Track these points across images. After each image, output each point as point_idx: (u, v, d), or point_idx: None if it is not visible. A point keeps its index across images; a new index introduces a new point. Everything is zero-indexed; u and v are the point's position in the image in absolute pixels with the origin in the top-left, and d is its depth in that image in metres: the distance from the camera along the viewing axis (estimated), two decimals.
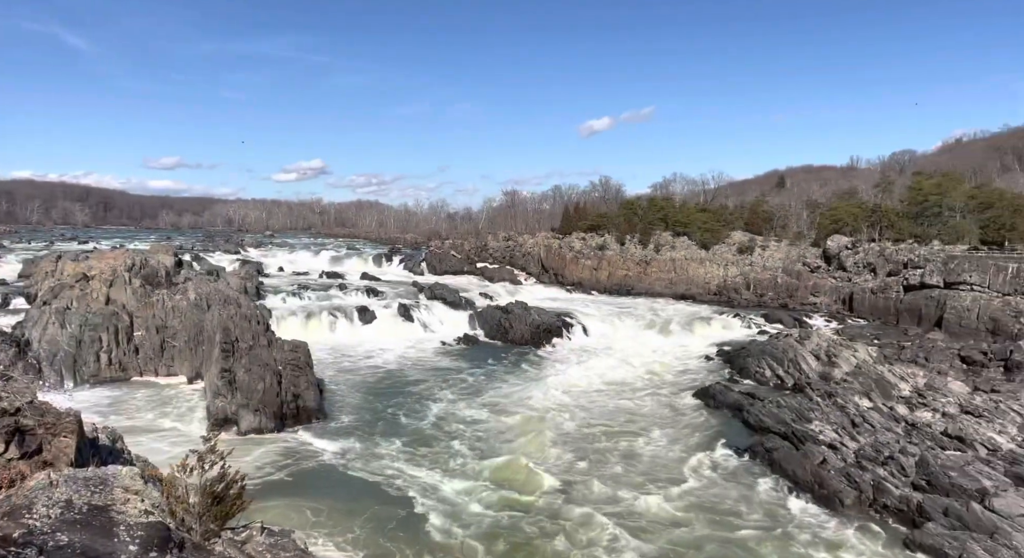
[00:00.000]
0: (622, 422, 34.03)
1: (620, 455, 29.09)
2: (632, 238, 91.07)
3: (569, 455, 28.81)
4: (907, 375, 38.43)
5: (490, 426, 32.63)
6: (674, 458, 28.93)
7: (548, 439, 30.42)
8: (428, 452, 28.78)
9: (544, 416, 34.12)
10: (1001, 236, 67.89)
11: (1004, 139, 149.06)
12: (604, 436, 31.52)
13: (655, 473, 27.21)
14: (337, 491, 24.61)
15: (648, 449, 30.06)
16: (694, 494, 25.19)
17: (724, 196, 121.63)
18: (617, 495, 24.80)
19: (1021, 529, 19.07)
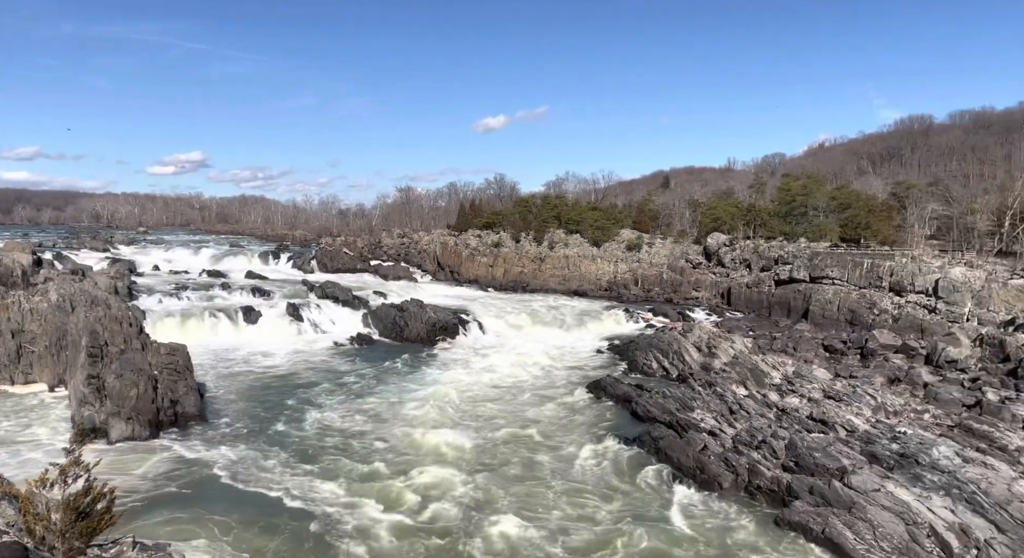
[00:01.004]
0: (518, 417, 34.46)
1: (516, 450, 29.44)
2: (527, 235, 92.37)
3: (465, 454, 28.84)
4: (778, 364, 41.43)
5: (381, 428, 32.07)
6: (568, 451, 29.63)
7: (443, 439, 30.25)
8: (315, 460, 27.78)
9: (440, 415, 33.97)
10: (858, 234, 74.34)
11: (860, 144, 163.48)
12: (500, 432, 31.79)
13: (550, 466, 27.76)
14: (219, 502, 23.37)
15: (543, 443, 30.62)
16: (587, 484, 25.93)
17: (614, 195, 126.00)
18: (513, 489, 25.11)
19: (874, 503, 21.01)
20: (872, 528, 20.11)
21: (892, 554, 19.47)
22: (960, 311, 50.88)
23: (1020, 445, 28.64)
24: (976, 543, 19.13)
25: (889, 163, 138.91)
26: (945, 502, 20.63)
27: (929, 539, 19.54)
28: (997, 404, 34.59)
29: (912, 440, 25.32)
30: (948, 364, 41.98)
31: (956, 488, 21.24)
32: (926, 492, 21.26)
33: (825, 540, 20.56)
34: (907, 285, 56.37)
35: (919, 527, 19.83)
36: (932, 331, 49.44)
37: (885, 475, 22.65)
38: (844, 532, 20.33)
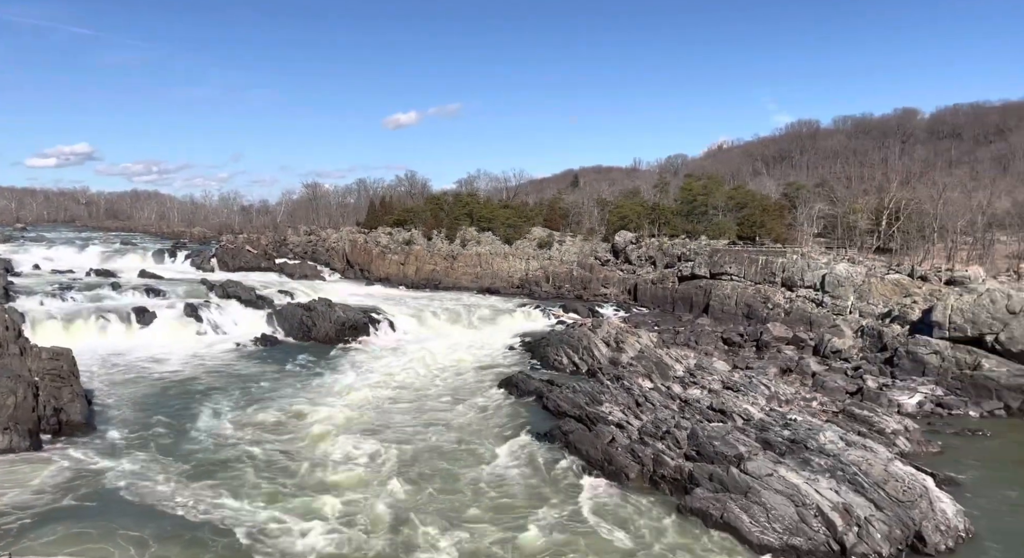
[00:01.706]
0: (431, 416, 34.21)
1: (430, 451, 29.18)
2: (439, 233, 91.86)
3: (377, 457, 28.27)
4: (681, 357, 43.17)
5: (288, 435, 30.98)
6: (481, 448, 29.69)
7: (354, 442, 29.60)
8: (220, 471, 26.35)
9: (350, 417, 33.21)
10: (753, 232, 78.52)
11: (755, 147, 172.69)
12: (413, 432, 31.46)
13: (464, 465, 27.71)
14: (104, 516, 21.84)
15: (457, 441, 30.53)
16: (499, 481, 26.08)
17: (525, 193, 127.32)
18: (427, 490, 24.89)
19: (768, 487, 22.26)
20: (766, 511, 21.30)
21: (784, 535, 20.69)
22: (844, 304, 54.69)
23: (896, 428, 31.15)
24: (857, 521, 20.62)
25: (781, 165, 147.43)
26: (830, 484, 22.11)
27: (816, 519, 20.88)
28: (876, 391, 37.51)
29: (802, 426, 26.94)
30: (833, 354, 45.03)
31: (840, 470, 22.81)
32: (814, 475, 22.70)
33: (724, 524, 21.59)
34: (797, 280, 60.01)
35: (807, 508, 21.17)
36: (819, 323, 52.88)
37: (778, 460, 24.01)
38: (741, 516, 21.43)
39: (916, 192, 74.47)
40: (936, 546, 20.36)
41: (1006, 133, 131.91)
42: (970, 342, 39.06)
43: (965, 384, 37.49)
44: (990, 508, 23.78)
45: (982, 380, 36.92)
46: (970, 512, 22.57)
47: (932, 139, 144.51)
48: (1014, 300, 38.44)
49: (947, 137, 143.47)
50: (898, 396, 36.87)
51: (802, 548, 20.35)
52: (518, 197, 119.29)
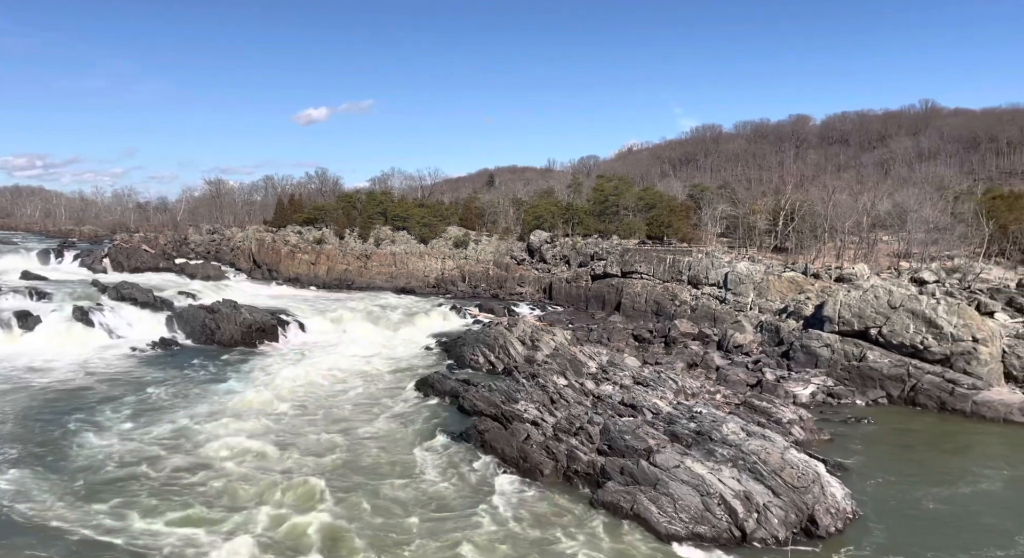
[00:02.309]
0: (345, 419, 33.44)
1: (344, 455, 28.52)
2: (352, 232, 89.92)
3: (287, 465, 27.39)
4: (594, 354, 44.15)
5: (190, 446, 29.46)
6: (397, 450, 29.30)
7: (263, 451, 28.52)
8: (113, 488, 24.69)
9: (259, 424, 31.97)
10: (662, 232, 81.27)
11: (663, 149, 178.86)
12: (326, 436, 30.64)
13: (379, 468, 27.27)
14: (15, 536, 20.25)
15: (372, 444, 29.98)
16: (416, 483, 25.82)
17: (441, 192, 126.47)
18: (340, 495, 24.30)
19: (675, 478, 23.13)
20: (673, 501, 22.11)
21: (690, 523, 21.55)
22: (745, 301, 57.51)
23: (791, 418, 33.07)
24: (757, 507, 21.75)
25: (687, 167, 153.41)
26: (732, 473, 23.21)
27: (719, 507, 21.87)
28: (774, 383, 39.66)
29: (706, 418, 28.13)
30: (736, 349, 47.27)
31: (741, 459, 23.98)
32: (717, 465, 23.77)
33: (634, 516, 22.26)
34: (703, 278, 62.60)
35: (711, 497, 22.14)
36: (723, 320, 55.36)
37: (684, 452, 24.98)
38: (650, 507, 22.15)
39: (809, 194, 79.30)
40: (827, 528, 21.75)
41: (887, 140, 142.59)
42: (857, 335, 41.94)
43: (852, 375, 40.26)
44: (874, 491, 25.65)
45: (867, 371, 39.76)
46: (857, 495, 24.27)
47: (823, 144, 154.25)
48: (895, 295, 41.58)
49: (836, 143, 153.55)
50: (794, 387, 39.14)
51: (706, 535, 21.27)
52: (433, 196, 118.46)
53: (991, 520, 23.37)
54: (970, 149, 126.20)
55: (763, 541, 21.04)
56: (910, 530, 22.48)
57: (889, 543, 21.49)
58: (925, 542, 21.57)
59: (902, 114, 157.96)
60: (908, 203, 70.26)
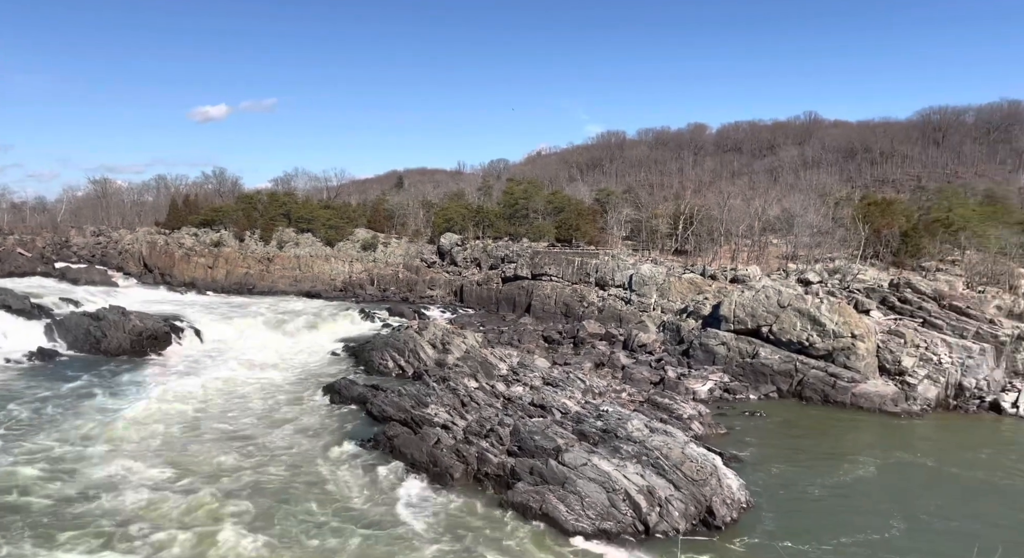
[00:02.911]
0: (246, 430, 32.05)
1: (245, 470, 27.24)
2: (253, 234, 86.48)
3: (183, 483, 25.94)
4: (505, 356, 44.48)
5: (74, 469, 27.39)
6: (302, 460, 28.37)
7: (153, 472, 26.88)
8: None
9: (148, 441, 30.13)
10: (570, 234, 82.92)
11: (571, 154, 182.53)
12: (225, 449, 29.26)
13: (284, 479, 26.30)
14: None
15: (276, 455, 28.89)
16: (322, 493, 25.11)
17: (348, 194, 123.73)
18: (243, 508, 23.29)
19: (583, 476, 23.69)
20: (581, 499, 22.63)
21: (596, 520, 22.11)
22: (648, 302, 59.62)
23: (691, 413, 34.59)
24: (659, 501, 22.60)
25: (593, 172, 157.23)
26: (637, 468, 24.02)
27: (624, 503, 22.57)
28: (675, 380, 41.34)
29: (613, 416, 28.96)
30: (640, 348, 48.92)
31: (645, 455, 24.85)
32: (623, 461, 24.52)
33: (543, 515, 22.60)
34: (609, 280, 64.38)
35: (617, 493, 22.81)
36: (628, 320, 57.16)
37: (592, 450, 25.61)
38: (558, 506, 22.56)
39: (706, 199, 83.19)
40: (723, 519, 22.89)
41: (776, 148, 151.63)
42: (750, 333, 44.36)
43: (746, 371, 42.56)
44: (766, 481, 27.23)
45: (760, 367, 42.15)
46: (751, 485, 25.67)
47: (719, 152, 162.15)
48: (783, 295, 44.31)
49: (730, 150, 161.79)
50: (693, 384, 40.94)
51: (612, 531, 21.90)
52: (340, 197, 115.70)
53: (869, 504, 25.34)
54: (848, 158, 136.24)
55: (665, 533, 21.88)
56: (799, 517, 24.02)
57: (780, 530, 22.86)
58: (812, 528, 23.10)
59: (789, 124, 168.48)
60: (795, 208, 75.07)
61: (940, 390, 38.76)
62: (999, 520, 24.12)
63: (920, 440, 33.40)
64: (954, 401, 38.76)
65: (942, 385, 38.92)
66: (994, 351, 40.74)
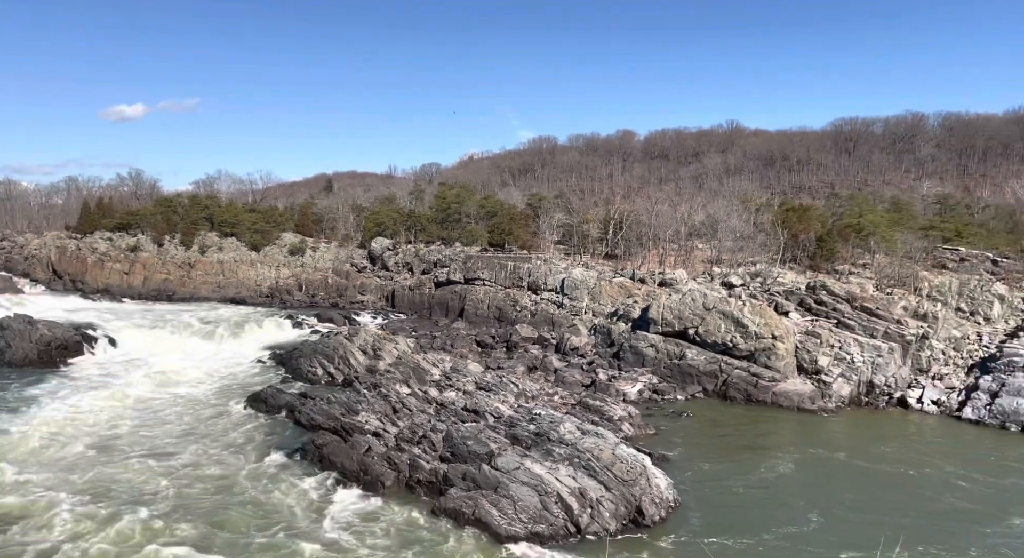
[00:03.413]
0: (164, 443, 30.60)
1: (166, 485, 25.94)
2: (172, 239, 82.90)
3: (96, 500, 24.50)
4: (438, 361, 44.16)
5: None
6: (226, 473, 27.32)
7: (62, 494, 25.32)
8: None
9: (59, 461, 28.34)
10: (503, 239, 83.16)
11: (503, 159, 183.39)
12: (142, 464, 27.83)
13: (206, 494, 25.26)
14: None
15: (197, 469, 27.69)
16: (248, 507, 24.23)
17: (274, 197, 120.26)
18: (172, 534, 22.16)
19: (515, 480, 23.75)
20: (513, 503, 22.67)
21: (529, 523, 22.20)
22: (580, 305, 60.45)
23: (621, 415, 35.24)
24: (591, 503, 22.91)
25: (525, 177, 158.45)
26: (569, 471, 24.26)
27: (557, 505, 22.76)
28: (606, 382, 42.03)
29: (545, 420, 29.16)
30: (572, 351, 49.51)
31: (576, 457, 25.14)
32: (555, 464, 24.72)
33: (475, 520, 22.53)
34: (541, 284, 64.91)
35: (549, 496, 22.98)
36: (560, 323, 57.78)
37: (525, 453, 25.71)
38: (491, 511, 22.54)
39: (635, 205, 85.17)
40: (652, 518, 23.41)
41: (701, 156, 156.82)
42: (677, 335, 45.60)
43: (674, 372, 43.72)
44: (693, 479, 28.02)
45: (687, 368, 43.38)
46: (678, 484, 26.35)
47: (646, 158, 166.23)
48: (709, 298, 45.78)
49: (658, 157, 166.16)
50: (624, 386, 41.74)
51: (544, 534, 22.04)
52: (266, 201, 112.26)
53: (788, 499, 26.44)
54: (768, 166, 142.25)
55: (596, 534, 22.19)
56: (723, 514, 24.81)
57: (705, 527, 23.56)
58: (735, 524, 23.90)
59: (713, 133, 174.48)
60: (718, 214, 77.73)
61: (853, 388, 40.88)
62: (903, 509, 25.61)
63: (834, 436, 35.12)
64: (865, 398, 40.94)
65: (855, 383, 41.05)
66: (901, 349, 43.29)
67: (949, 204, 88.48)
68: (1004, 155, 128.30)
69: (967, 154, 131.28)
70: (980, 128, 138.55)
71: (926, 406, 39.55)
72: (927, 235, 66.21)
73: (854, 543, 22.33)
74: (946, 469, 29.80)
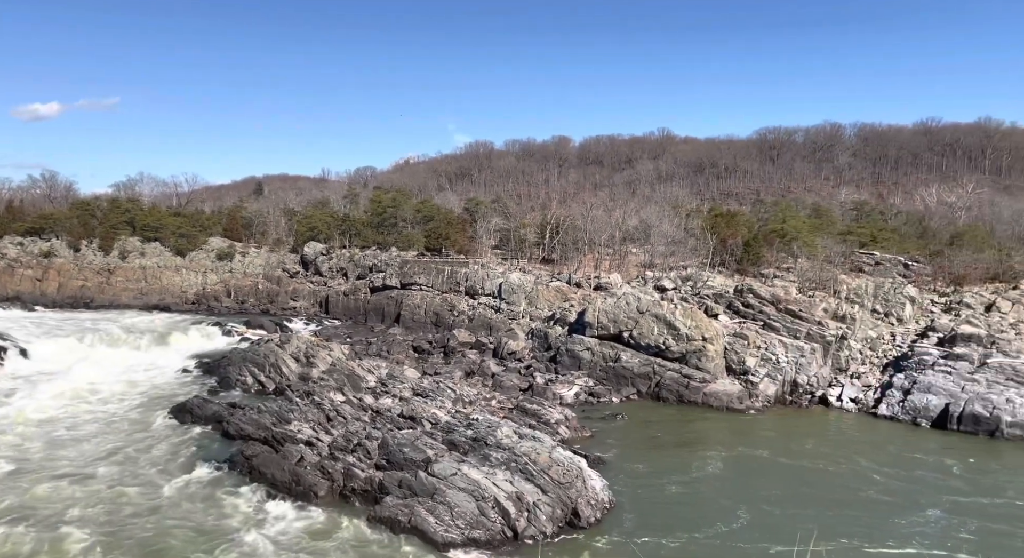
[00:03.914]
0: (81, 460, 28.95)
1: (83, 506, 24.48)
2: (90, 244, 78.87)
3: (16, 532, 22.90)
4: (373, 368, 43.53)
5: None
6: (149, 490, 26.06)
7: None
8: None
9: None
10: (440, 244, 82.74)
11: (439, 163, 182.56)
12: (62, 490, 26.15)
13: (129, 511, 24.03)
14: None
15: (119, 485, 26.29)
16: (173, 522, 23.21)
17: (200, 200, 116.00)
18: (79, 549, 20.97)
19: (452, 486, 23.63)
20: (450, 509, 22.55)
21: (465, 529, 22.12)
22: (517, 310, 60.73)
23: (558, 418, 35.55)
24: (527, 506, 23.01)
25: (462, 181, 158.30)
26: (506, 475, 24.32)
27: (494, 510, 22.76)
28: (543, 386, 42.35)
29: (483, 425, 29.13)
30: (510, 356, 49.68)
31: (514, 462, 25.21)
32: (492, 469, 24.72)
33: (412, 528, 22.29)
34: (479, 289, 64.92)
35: (486, 501, 22.96)
36: (498, 328, 57.89)
37: (462, 459, 25.61)
38: (427, 518, 22.34)
39: (571, 210, 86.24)
40: (588, 519, 23.70)
41: (634, 162, 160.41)
42: (613, 338, 46.40)
43: (609, 375, 44.45)
44: (627, 480, 28.53)
45: (621, 370, 44.18)
46: (613, 486, 26.78)
47: (582, 164, 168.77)
48: (642, 302, 46.80)
49: (592, 163, 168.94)
50: (560, 389, 42.16)
51: (481, 539, 22.00)
52: (192, 204, 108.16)
53: (717, 497, 27.26)
54: (697, 173, 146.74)
55: (533, 538, 22.29)
56: (657, 513, 25.35)
57: (639, 527, 24.01)
58: (668, 523, 24.45)
59: (645, 140, 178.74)
60: (651, 219, 79.64)
61: (778, 387, 42.54)
62: (824, 503, 26.79)
63: (760, 434, 36.45)
64: (790, 396, 42.68)
65: (780, 382, 42.74)
66: (822, 350, 45.34)
67: (865, 211, 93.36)
68: (914, 164, 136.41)
69: (881, 163, 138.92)
70: (892, 139, 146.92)
71: (845, 404, 41.52)
72: (845, 240, 69.62)
73: (779, 538, 23.20)
74: (862, 464, 31.35)
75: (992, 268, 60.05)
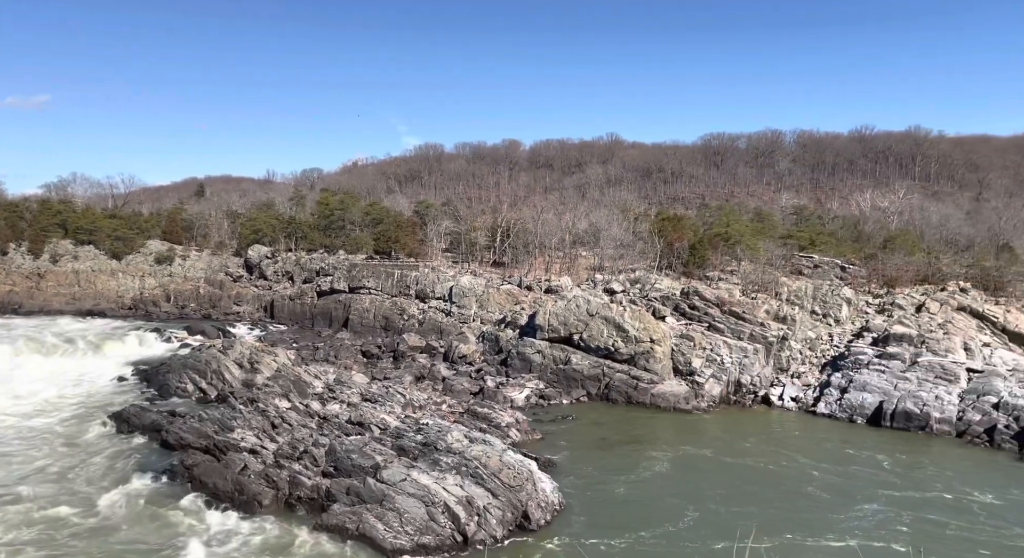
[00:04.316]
0: (15, 484, 27.24)
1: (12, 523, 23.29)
2: (18, 247, 75.19)
3: None
4: (320, 373, 42.67)
5: None
6: (83, 502, 24.94)
7: None
8: None
9: None
10: (389, 247, 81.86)
11: (389, 165, 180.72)
12: None
13: (62, 525, 22.92)
14: None
15: (52, 498, 25.10)
16: (109, 536, 22.24)
17: (138, 202, 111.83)
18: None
19: (402, 492, 23.33)
20: (399, 516, 22.26)
21: (415, 535, 21.88)
22: (468, 313, 60.54)
23: (509, 421, 35.55)
24: (478, 511, 22.90)
25: (412, 184, 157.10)
26: (456, 480, 24.15)
27: (443, 515, 22.57)
28: (494, 389, 42.30)
29: (433, 429, 28.88)
30: (460, 359, 49.44)
31: (464, 466, 25.07)
32: (442, 474, 24.53)
33: (360, 536, 21.92)
34: (429, 292, 64.46)
35: (436, 506, 22.75)
36: (449, 332, 57.57)
37: (411, 465, 25.32)
38: (376, 525, 22.00)
39: (522, 213, 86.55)
40: (538, 522, 23.76)
41: (583, 166, 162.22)
42: (563, 341, 46.69)
43: (560, 377, 44.71)
44: (577, 481, 28.73)
45: (571, 372, 44.49)
46: (563, 488, 26.92)
47: (532, 168, 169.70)
48: (592, 304, 47.26)
49: (543, 167, 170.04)
50: (511, 392, 42.18)
51: (431, 545, 21.80)
52: (129, 206, 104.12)
53: (664, 496, 27.69)
54: (645, 177, 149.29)
55: (483, 542, 22.20)
56: (606, 515, 25.59)
57: (589, 528, 24.20)
58: (616, 524, 24.71)
59: (594, 144, 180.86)
60: (600, 223, 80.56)
61: (723, 387, 43.54)
62: (762, 500, 27.54)
63: (706, 434, 37.24)
64: (734, 396, 43.73)
65: (724, 383, 43.75)
66: (764, 350, 46.64)
67: (804, 215, 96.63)
68: (849, 170, 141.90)
69: (819, 169, 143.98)
70: (829, 145, 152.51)
71: (786, 403, 42.80)
72: (786, 243, 71.87)
73: (722, 534, 23.71)
74: (802, 461, 32.36)
75: (922, 271, 62.91)
